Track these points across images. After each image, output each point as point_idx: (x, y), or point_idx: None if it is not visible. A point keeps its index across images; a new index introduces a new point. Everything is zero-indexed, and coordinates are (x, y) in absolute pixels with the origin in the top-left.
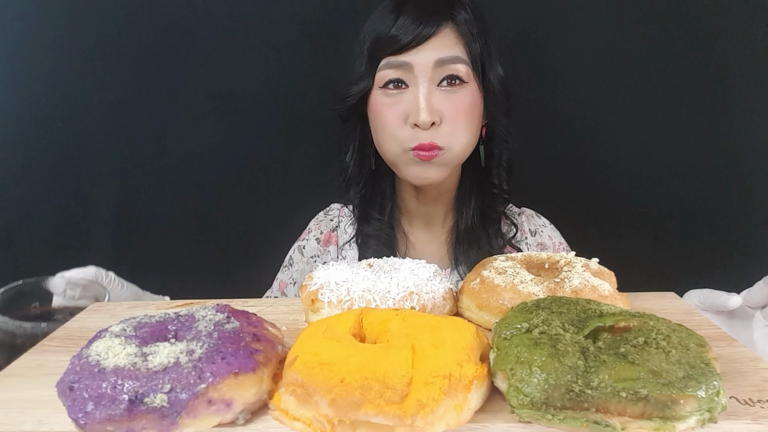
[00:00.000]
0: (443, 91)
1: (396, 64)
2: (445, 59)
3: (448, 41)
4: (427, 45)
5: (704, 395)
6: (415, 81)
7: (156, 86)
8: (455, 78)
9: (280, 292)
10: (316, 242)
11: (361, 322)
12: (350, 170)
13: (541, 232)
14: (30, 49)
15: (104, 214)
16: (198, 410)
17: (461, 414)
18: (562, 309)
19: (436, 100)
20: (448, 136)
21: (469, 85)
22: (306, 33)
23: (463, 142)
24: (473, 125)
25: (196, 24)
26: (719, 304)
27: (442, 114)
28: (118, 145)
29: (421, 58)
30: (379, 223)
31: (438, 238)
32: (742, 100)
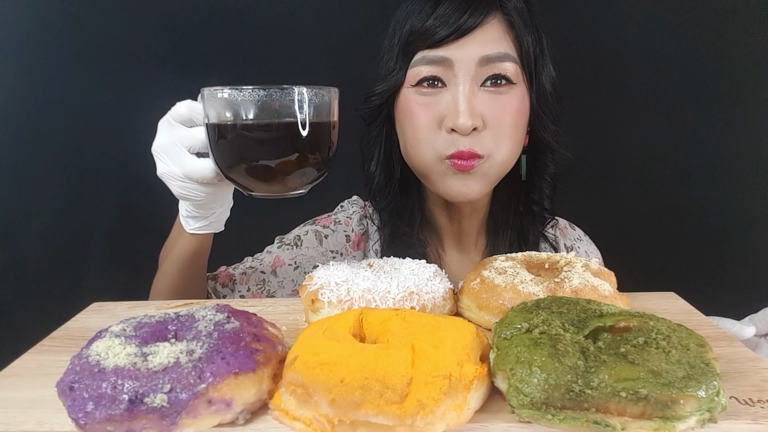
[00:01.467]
0: (487, 92)
1: (433, 59)
2: (491, 56)
3: (495, 34)
4: (470, 38)
5: (704, 395)
6: (455, 80)
7: (156, 86)
8: (502, 78)
9: (271, 269)
10: (346, 239)
11: (361, 322)
12: (376, 181)
13: (578, 248)
14: (30, 49)
15: (104, 214)
16: (198, 410)
17: (461, 414)
18: (562, 309)
19: (479, 102)
20: (490, 144)
21: (517, 86)
22: (306, 33)
23: (506, 151)
24: (519, 132)
25: (196, 24)
26: (733, 333)
27: (485, 118)
28: (118, 145)
29: (463, 53)
30: (409, 240)
31: (472, 260)
32: (742, 100)
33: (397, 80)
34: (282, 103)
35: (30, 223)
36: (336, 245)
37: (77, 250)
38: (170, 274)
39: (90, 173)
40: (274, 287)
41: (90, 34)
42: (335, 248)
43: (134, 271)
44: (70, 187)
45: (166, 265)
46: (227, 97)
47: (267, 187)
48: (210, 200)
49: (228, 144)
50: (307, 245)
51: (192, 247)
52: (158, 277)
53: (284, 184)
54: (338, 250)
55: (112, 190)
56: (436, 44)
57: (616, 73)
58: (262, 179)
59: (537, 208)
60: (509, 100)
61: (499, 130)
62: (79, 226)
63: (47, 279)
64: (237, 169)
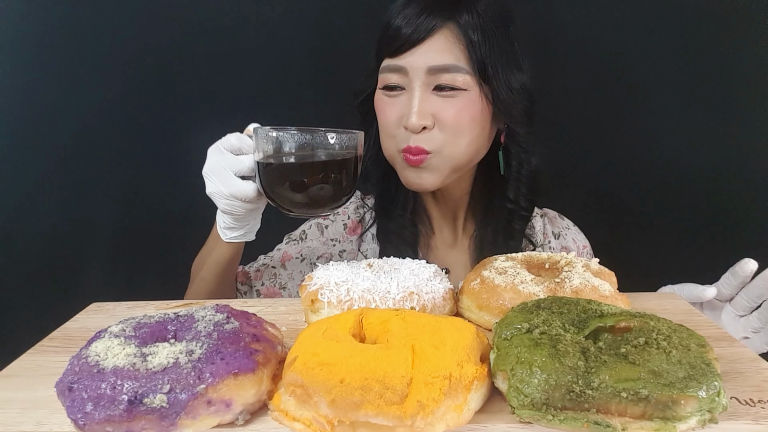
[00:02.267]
0: (439, 95)
1: (393, 67)
2: (437, 67)
3: (444, 45)
4: (421, 48)
5: (705, 395)
6: (411, 84)
7: (156, 86)
8: (448, 87)
9: (281, 263)
10: (343, 227)
11: (361, 323)
12: (365, 166)
13: (565, 235)
14: (30, 49)
15: (104, 214)
16: (197, 411)
17: (461, 414)
18: (563, 309)
19: (431, 104)
20: (439, 142)
21: (468, 91)
22: (306, 33)
23: (458, 149)
24: (472, 133)
25: (196, 24)
26: (696, 295)
27: (436, 118)
28: (118, 145)
29: (414, 62)
30: (401, 219)
31: (461, 242)
32: (743, 100)
33: (371, 83)
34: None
35: (30, 223)
36: (335, 234)
37: (77, 250)
38: (208, 279)
39: (90, 173)
40: (285, 279)
41: (90, 34)
42: (335, 237)
43: (134, 271)
44: (70, 187)
45: (203, 273)
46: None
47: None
48: (247, 215)
49: (274, 173)
50: (311, 238)
51: (228, 255)
52: (196, 283)
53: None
54: (337, 238)
55: (112, 190)
56: (395, 53)
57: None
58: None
59: (511, 205)
60: (458, 103)
61: (448, 130)
62: (79, 226)
63: (47, 279)
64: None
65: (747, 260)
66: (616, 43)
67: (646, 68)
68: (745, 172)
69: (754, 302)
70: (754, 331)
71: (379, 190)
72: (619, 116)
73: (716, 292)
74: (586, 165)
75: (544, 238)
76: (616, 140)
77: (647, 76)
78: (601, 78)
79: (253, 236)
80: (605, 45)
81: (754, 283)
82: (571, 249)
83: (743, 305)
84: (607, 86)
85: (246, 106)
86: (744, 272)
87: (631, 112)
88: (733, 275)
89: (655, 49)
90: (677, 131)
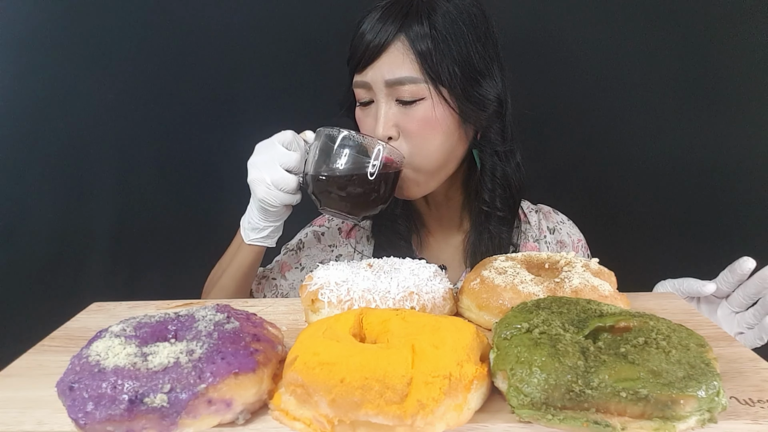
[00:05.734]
0: (401, 105)
1: (360, 83)
2: (392, 80)
3: (396, 59)
4: (377, 63)
5: (704, 395)
6: (376, 97)
7: (156, 86)
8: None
9: (281, 274)
10: (338, 231)
11: (361, 322)
12: None
13: (560, 230)
14: (30, 49)
15: (104, 214)
16: (198, 410)
17: (461, 414)
18: (562, 309)
19: (394, 114)
20: (406, 150)
21: (425, 100)
22: (307, 33)
23: (423, 156)
24: (437, 139)
25: (196, 24)
26: (695, 290)
27: (400, 128)
28: (118, 145)
29: (374, 76)
30: (393, 216)
31: (455, 238)
32: (743, 100)
33: (350, 96)
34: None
35: (30, 223)
36: (332, 239)
37: (77, 250)
38: (227, 287)
39: (90, 173)
40: (286, 289)
41: (90, 34)
42: (332, 242)
43: (134, 271)
44: (70, 187)
45: (223, 281)
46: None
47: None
48: (278, 212)
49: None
50: (308, 246)
51: (249, 259)
52: (214, 292)
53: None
54: (334, 243)
55: (112, 190)
56: (359, 69)
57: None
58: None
59: (486, 207)
60: (417, 112)
61: (411, 139)
62: (79, 226)
63: (47, 279)
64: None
65: (746, 258)
66: (615, 42)
67: (644, 66)
68: (744, 170)
69: (750, 299)
70: (748, 326)
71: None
72: (618, 116)
73: (715, 287)
74: (586, 165)
75: (539, 233)
76: (616, 140)
77: (645, 75)
78: (599, 77)
79: (274, 243)
80: (604, 43)
81: (752, 281)
82: (566, 243)
83: (739, 302)
84: (605, 85)
85: (246, 106)
86: (742, 270)
87: (630, 111)
88: (731, 273)
89: (654, 47)
90: (677, 131)
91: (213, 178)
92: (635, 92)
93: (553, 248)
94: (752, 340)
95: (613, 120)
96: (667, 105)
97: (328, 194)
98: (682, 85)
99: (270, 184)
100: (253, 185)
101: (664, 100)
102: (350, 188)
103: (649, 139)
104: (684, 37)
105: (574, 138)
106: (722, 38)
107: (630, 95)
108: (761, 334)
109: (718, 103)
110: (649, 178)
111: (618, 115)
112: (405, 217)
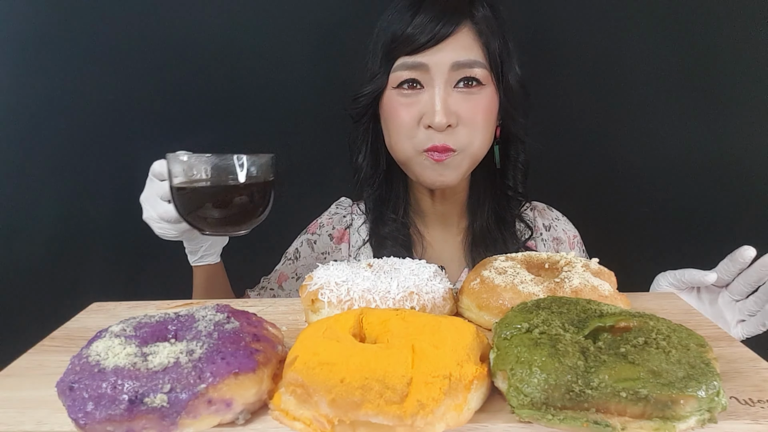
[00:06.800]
0: (460, 92)
1: (412, 65)
2: (462, 62)
3: (466, 42)
4: (444, 45)
5: (704, 395)
6: (432, 82)
7: (156, 86)
8: (472, 80)
9: (278, 285)
10: (329, 238)
11: (361, 322)
12: (363, 172)
13: (555, 226)
14: (30, 49)
15: (104, 214)
16: (198, 410)
17: (461, 414)
18: (562, 309)
19: (453, 101)
20: (464, 139)
21: (486, 87)
22: (306, 33)
23: (478, 144)
24: (489, 127)
25: (196, 24)
26: (697, 279)
27: (458, 116)
28: (118, 145)
29: (438, 59)
30: (394, 224)
31: (454, 238)
32: (743, 100)
33: (381, 83)
34: (228, 167)
35: (30, 223)
36: (324, 246)
37: (77, 250)
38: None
39: (90, 173)
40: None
41: (90, 34)
42: (324, 249)
43: (134, 271)
44: (70, 187)
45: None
46: (185, 161)
47: (214, 228)
48: (187, 238)
49: (185, 196)
50: (304, 255)
51: (202, 277)
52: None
53: (227, 228)
54: (326, 251)
55: (112, 190)
56: (414, 51)
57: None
58: (211, 223)
59: (511, 192)
60: (479, 99)
61: (471, 127)
62: (79, 226)
63: (47, 279)
64: (192, 215)
65: (746, 247)
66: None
67: (642, 65)
68: (745, 172)
69: (751, 287)
70: (750, 314)
71: (372, 192)
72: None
73: (716, 277)
74: (586, 165)
75: (535, 231)
76: (616, 140)
77: (644, 73)
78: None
79: (217, 258)
80: (603, 41)
81: (752, 269)
82: (561, 239)
83: (740, 290)
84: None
85: (246, 106)
86: (743, 258)
87: (629, 109)
88: (731, 261)
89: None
90: (677, 131)
91: None
92: (635, 92)
93: (549, 245)
94: (754, 327)
95: (614, 120)
96: (667, 104)
97: (194, 212)
98: (680, 84)
99: (159, 219)
100: (148, 223)
101: (663, 99)
102: (216, 202)
103: (649, 138)
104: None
105: (573, 138)
106: (722, 38)
107: (629, 95)
108: (763, 320)
109: (718, 103)
110: (650, 176)
111: (619, 114)
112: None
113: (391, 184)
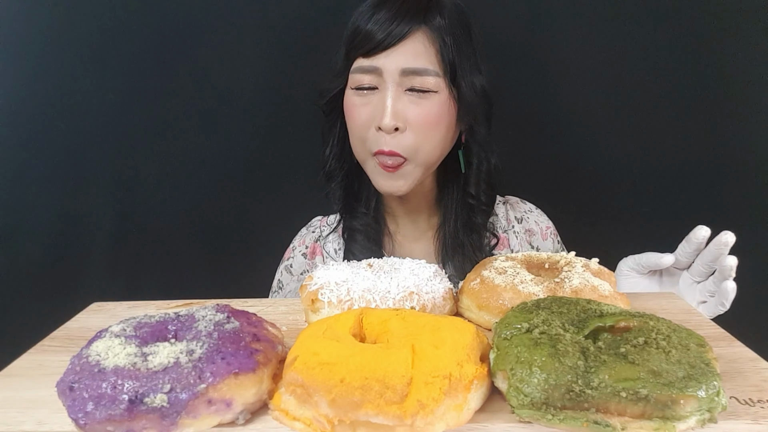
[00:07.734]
0: (410, 97)
1: (367, 68)
2: (411, 69)
3: (417, 48)
4: (396, 50)
5: (704, 395)
6: (384, 85)
7: (156, 86)
8: (420, 89)
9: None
10: (303, 257)
11: (361, 322)
12: (329, 164)
13: (527, 218)
14: (30, 49)
15: (104, 214)
16: (198, 410)
17: (461, 414)
18: (562, 309)
19: (403, 105)
20: (411, 144)
21: (438, 93)
22: (306, 33)
23: (427, 151)
24: (440, 133)
25: (196, 24)
26: (654, 262)
27: (407, 120)
28: (118, 145)
29: (389, 63)
30: (365, 217)
31: (425, 234)
32: (743, 100)
33: (341, 82)
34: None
35: (30, 223)
36: (300, 266)
37: (77, 250)
38: None
39: (90, 173)
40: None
41: (90, 34)
42: (301, 269)
43: (134, 271)
44: (70, 187)
45: None
46: None
47: None
48: None
49: None
50: (286, 282)
51: None
52: None
53: None
54: (304, 269)
55: (112, 190)
56: (369, 52)
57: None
58: None
59: (473, 201)
60: (429, 105)
61: (419, 132)
62: (79, 226)
63: (47, 279)
64: None
65: (701, 227)
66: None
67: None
68: (745, 172)
69: (709, 267)
70: (710, 294)
71: (342, 187)
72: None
73: (674, 259)
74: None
75: (507, 223)
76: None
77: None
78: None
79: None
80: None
81: (709, 249)
82: (534, 231)
83: (699, 271)
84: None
85: (247, 106)
86: (698, 239)
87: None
88: (687, 243)
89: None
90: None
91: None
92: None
93: (521, 237)
94: (714, 307)
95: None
96: (667, 104)
97: None
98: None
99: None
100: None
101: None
102: None
103: (649, 138)
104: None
105: (573, 138)
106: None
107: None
108: (722, 300)
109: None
110: (650, 176)
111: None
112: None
113: (361, 178)
